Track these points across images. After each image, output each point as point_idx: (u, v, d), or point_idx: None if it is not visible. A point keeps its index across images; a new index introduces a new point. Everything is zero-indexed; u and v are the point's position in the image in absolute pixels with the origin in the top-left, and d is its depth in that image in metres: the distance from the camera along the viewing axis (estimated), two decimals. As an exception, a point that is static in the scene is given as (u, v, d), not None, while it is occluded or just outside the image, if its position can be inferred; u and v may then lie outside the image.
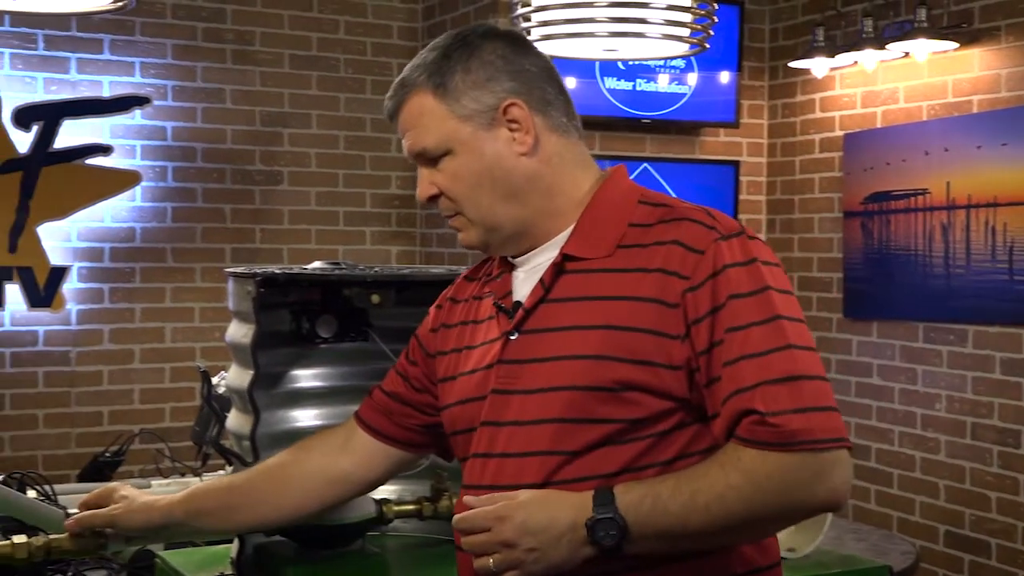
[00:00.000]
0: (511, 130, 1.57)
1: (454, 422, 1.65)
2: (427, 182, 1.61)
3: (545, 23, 2.85)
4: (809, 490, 1.41)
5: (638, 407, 1.47)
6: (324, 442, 1.84)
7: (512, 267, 1.64)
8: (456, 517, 1.49)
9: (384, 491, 2.19)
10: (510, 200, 1.57)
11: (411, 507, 2.13)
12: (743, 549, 1.53)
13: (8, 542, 1.82)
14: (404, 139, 1.62)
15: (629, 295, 1.49)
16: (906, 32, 4.51)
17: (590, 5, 2.79)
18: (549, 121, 1.59)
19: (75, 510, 1.90)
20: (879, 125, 4.95)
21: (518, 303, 1.58)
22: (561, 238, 1.58)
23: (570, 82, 5.07)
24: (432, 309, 1.79)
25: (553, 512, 1.43)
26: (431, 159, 1.59)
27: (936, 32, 4.47)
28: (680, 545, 1.45)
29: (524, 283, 1.60)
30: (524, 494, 1.46)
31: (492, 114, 1.56)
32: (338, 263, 2.16)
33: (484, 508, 1.46)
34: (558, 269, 1.55)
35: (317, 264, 2.15)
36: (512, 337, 1.56)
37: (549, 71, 1.62)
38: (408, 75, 1.60)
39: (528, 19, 2.88)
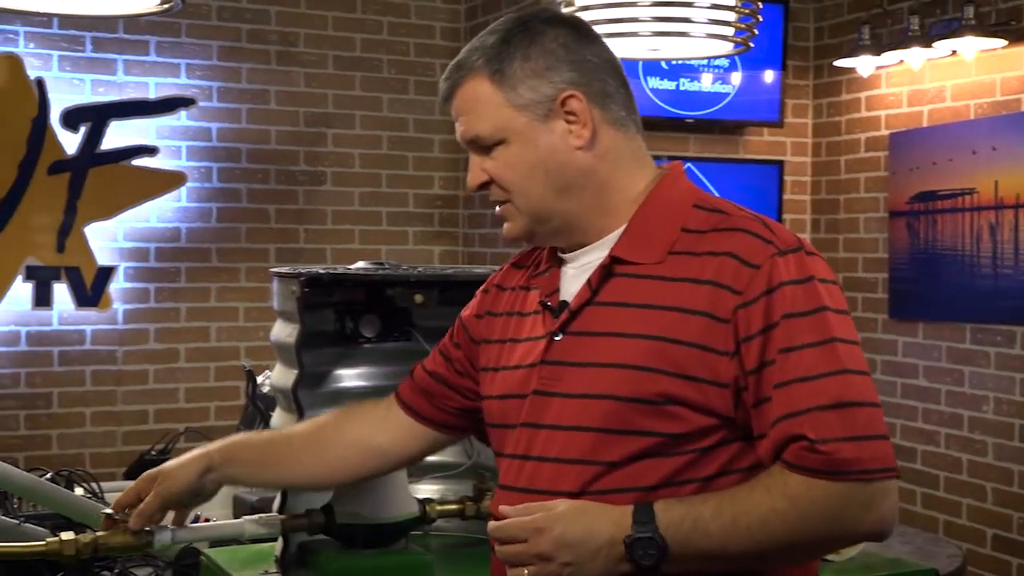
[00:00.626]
0: (568, 122, 1.52)
1: (493, 415, 1.62)
2: (478, 169, 1.56)
3: (589, 23, 2.84)
4: (855, 519, 1.38)
5: (680, 422, 1.43)
6: (366, 413, 1.82)
7: (561, 262, 1.59)
8: (492, 525, 1.46)
9: (427, 491, 2.19)
10: (562, 193, 1.53)
11: (454, 507, 2.13)
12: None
13: (56, 539, 1.84)
14: (457, 123, 1.57)
15: (678, 306, 1.44)
16: (953, 30, 4.46)
17: (633, 4, 2.78)
18: (608, 115, 1.54)
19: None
20: (925, 124, 4.90)
21: (564, 303, 1.54)
22: (612, 237, 1.53)
23: (613, 82, 5.06)
24: (478, 293, 1.75)
25: (591, 526, 1.40)
26: (484, 147, 1.55)
27: (984, 29, 4.41)
28: (719, 567, 1.42)
29: (572, 281, 1.56)
30: (562, 505, 1.43)
31: (549, 105, 1.51)
32: (382, 263, 2.17)
33: (521, 518, 1.42)
34: (606, 271, 1.51)
35: (361, 264, 2.16)
36: (556, 338, 1.52)
37: (611, 63, 1.57)
38: (465, 58, 1.55)
39: (571, 19, 2.88)
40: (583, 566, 1.40)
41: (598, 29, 2.82)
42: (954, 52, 4.57)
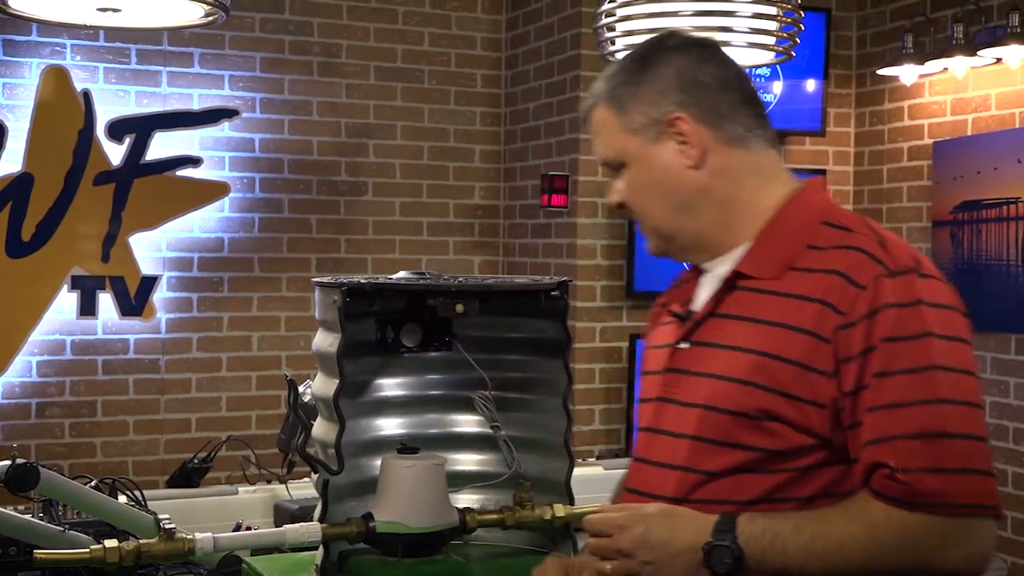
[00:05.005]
0: (679, 143, 1.55)
1: (638, 418, 1.69)
2: (613, 189, 1.64)
3: (629, 33, 2.84)
4: (940, 554, 1.36)
5: (778, 438, 1.44)
6: None
7: (701, 272, 1.64)
8: (587, 518, 1.53)
9: (467, 500, 2.19)
10: (682, 212, 1.57)
11: (494, 516, 2.13)
12: None
13: (100, 546, 1.85)
14: (594, 145, 1.66)
15: (786, 323, 1.45)
16: (998, 38, 4.42)
17: (674, 15, 2.78)
18: (721, 134, 1.56)
19: (165, 515, 1.93)
20: (970, 133, 4.86)
21: (691, 312, 1.59)
22: (741, 251, 1.55)
23: (654, 91, 5.05)
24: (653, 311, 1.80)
25: (675, 530, 1.44)
26: (613, 168, 1.62)
27: (1029, 38, 4.37)
28: None
29: (704, 291, 1.60)
30: (652, 507, 1.48)
31: (659, 127, 1.56)
32: (423, 273, 2.17)
33: (611, 515, 1.49)
34: (729, 285, 1.54)
35: (402, 274, 2.16)
36: (680, 346, 1.57)
37: (726, 81, 1.59)
38: (594, 85, 1.64)
39: (612, 28, 2.88)
40: (662, 568, 1.44)
41: (638, 39, 2.84)
42: (999, 60, 4.53)
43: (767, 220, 1.54)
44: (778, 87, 5.18)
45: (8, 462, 2.27)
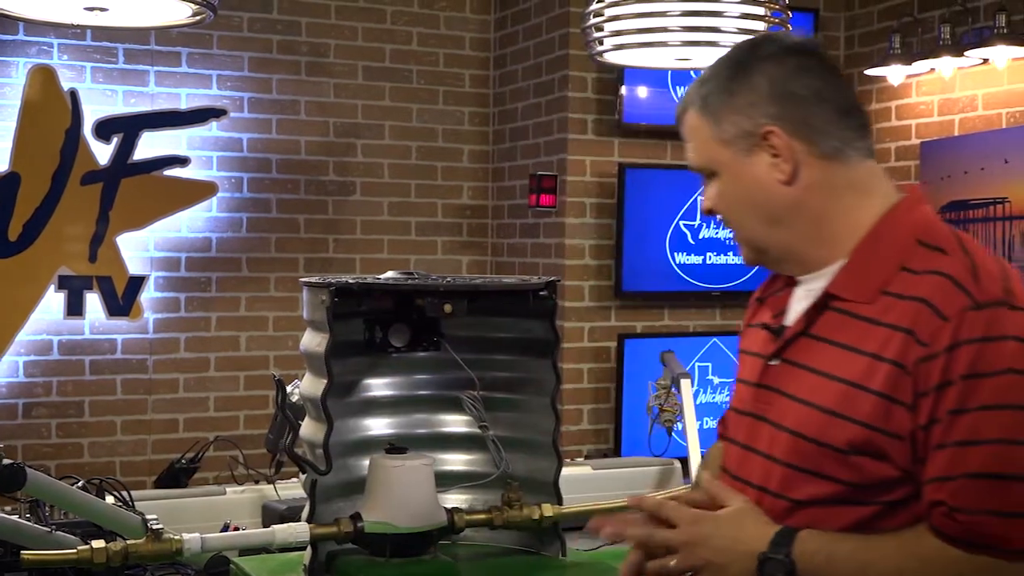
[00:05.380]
0: (772, 156, 1.51)
1: (727, 425, 1.66)
2: (706, 195, 1.60)
3: (617, 32, 2.84)
4: None
5: (863, 472, 1.41)
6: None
7: (795, 283, 1.59)
8: (661, 501, 1.54)
9: (455, 500, 2.19)
10: (773, 225, 1.53)
11: (482, 516, 2.13)
12: None
13: (87, 547, 1.85)
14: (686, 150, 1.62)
15: (874, 352, 1.41)
16: (985, 38, 4.44)
17: (663, 15, 2.78)
18: (814, 148, 1.50)
19: (152, 516, 1.93)
20: (956, 133, 4.87)
21: (783, 328, 1.55)
22: (836, 267, 1.51)
23: (641, 91, 5.06)
24: (751, 301, 1.75)
25: (739, 534, 1.46)
26: (706, 175, 1.58)
27: (1016, 38, 4.38)
28: None
29: (798, 304, 1.56)
30: (725, 509, 1.49)
31: (751, 140, 1.51)
32: (411, 273, 2.17)
33: (684, 507, 1.50)
34: (820, 305, 1.50)
35: (390, 274, 2.16)
36: (772, 363, 1.54)
37: (822, 93, 1.52)
38: (687, 90, 1.59)
39: (600, 29, 2.88)
40: (721, 569, 1.45)
41: (627, 39, 2.84)
42: (985, 60, 4.54)
43: (862, 237, 1.50)
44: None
45: (-5, 462, 2.25)
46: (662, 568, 1.49)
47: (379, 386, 2.24)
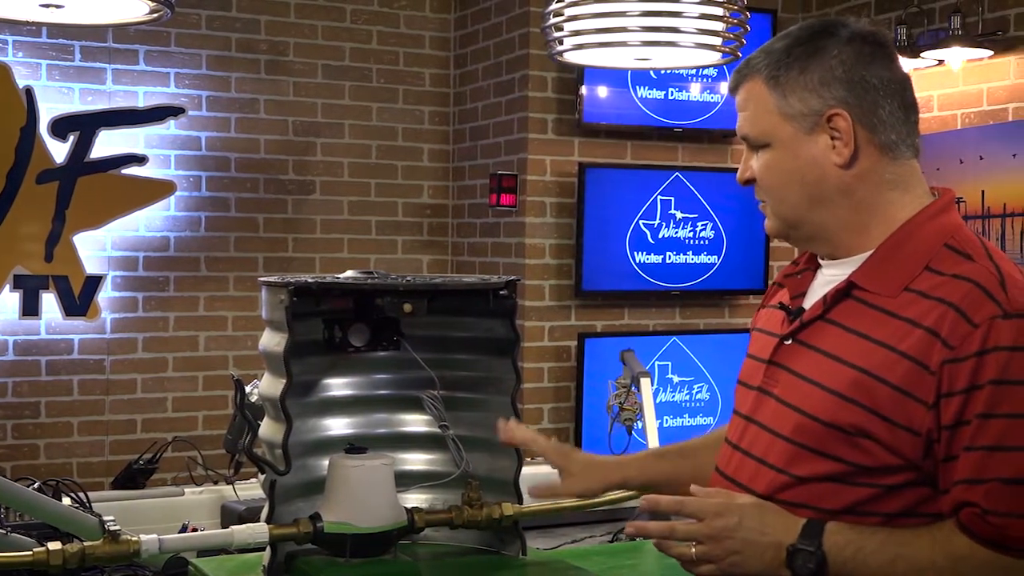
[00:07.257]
0: (832, 138, 1.53)
1: (735, 398, 1.69)
2: (746, 164, 1.61)
3: (577, 32, 2.85)
4: None
5: (867, 455, 1.44)
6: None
7: (817, 266, 1.62)
8: (682, 499, 1.53)
9: (416, 499, 2.19)
10: (815, 205, 1.55)
11: (443, 515, 2.13)
12: None
13: (43, 549, 1.83)
14: (738, 117, 1.62)
15: (891, 344, 1.44)
16: (940, 40, 4.49)
17: (622, 15, 2.79)
18: (875, 138, 1.53)
19: (110, 517, 1.91)
20: (913, 134, 4.92)
21: (801, 310, 1.58)
22: (862, 257, 1.54)
23: (601, 91, 5.08)
24: (770, 288, 1.79)
25: (766, 525, 1.47)
26: (753, 146, 1.59)
27: (971, 40, 4.44)
28: None
29: (818, 290, 1.59)
30: (745, 498, 1.50)
31: (816, 119, 1.52)
32: (370, 272, 2.17)
33: (706, 500, 1.50)
34: (842, 293, 1.53)
35: (350, 273, 2.15)
36: (786, 342, 1.57)
37: (890, 86, 1.55)
38: (753, 57, 1.59)
39: (560, 28, 2.88)
40: (747, 560, 1.46)
41: (586, 39, 2.85)
42: (941, 62, 4.60)
43: (893, 232, 1.53)
44: (725, 88, 5.21)
45: (-52, 464, 2.23)
46: (683, 556, 1.49)
47: (339, 386, 2.23)
